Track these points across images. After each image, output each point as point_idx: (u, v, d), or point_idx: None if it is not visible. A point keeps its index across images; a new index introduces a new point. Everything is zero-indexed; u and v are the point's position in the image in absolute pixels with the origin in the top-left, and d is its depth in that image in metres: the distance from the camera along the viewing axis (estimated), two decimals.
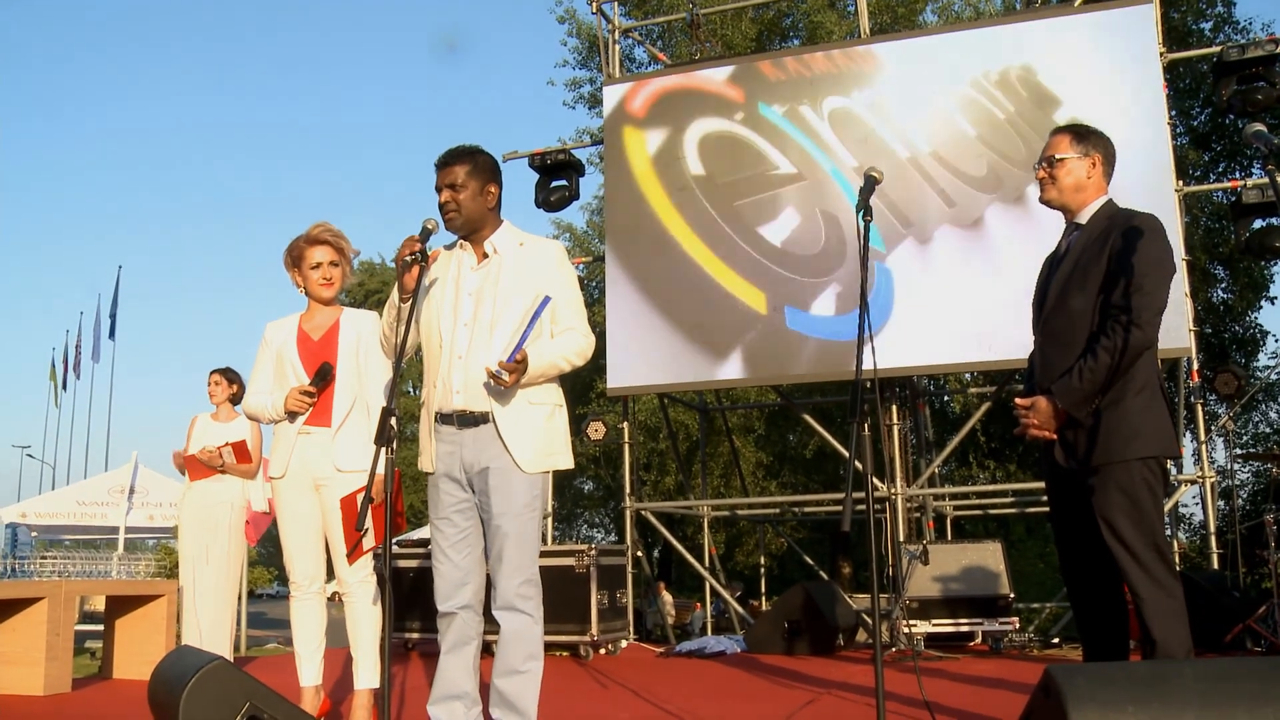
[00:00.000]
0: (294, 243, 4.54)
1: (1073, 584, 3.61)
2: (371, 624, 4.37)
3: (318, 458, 4.34)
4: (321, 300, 4.51)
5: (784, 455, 22.29)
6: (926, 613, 7.48)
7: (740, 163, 9.52)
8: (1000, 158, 8.84)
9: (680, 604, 19.23)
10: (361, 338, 4.46)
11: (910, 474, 10.22)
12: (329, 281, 4.48)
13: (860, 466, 3.06)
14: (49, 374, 30.88)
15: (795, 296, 9.10)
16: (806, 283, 9.10)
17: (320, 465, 4.33)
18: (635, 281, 9.64)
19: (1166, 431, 3.42)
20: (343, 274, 4.53)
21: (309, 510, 4.37)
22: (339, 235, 4.52)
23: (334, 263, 4.49)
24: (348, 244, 4.55)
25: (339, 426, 4.35)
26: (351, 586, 4.35)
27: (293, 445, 4.37)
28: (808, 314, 9.04)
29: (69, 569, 15.23)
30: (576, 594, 7.44)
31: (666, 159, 9.72)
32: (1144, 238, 3.38)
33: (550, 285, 3.57)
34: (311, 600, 4.42)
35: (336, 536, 4.31)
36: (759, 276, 9.26)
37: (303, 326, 4.52)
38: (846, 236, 9.07)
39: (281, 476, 4.38)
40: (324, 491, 4.34)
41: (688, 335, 9.37)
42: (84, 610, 14.42)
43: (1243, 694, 2.22)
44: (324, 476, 4.33)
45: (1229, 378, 9.02)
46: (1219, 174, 18.64)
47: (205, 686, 2.87)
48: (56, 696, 5.81)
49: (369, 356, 4.45)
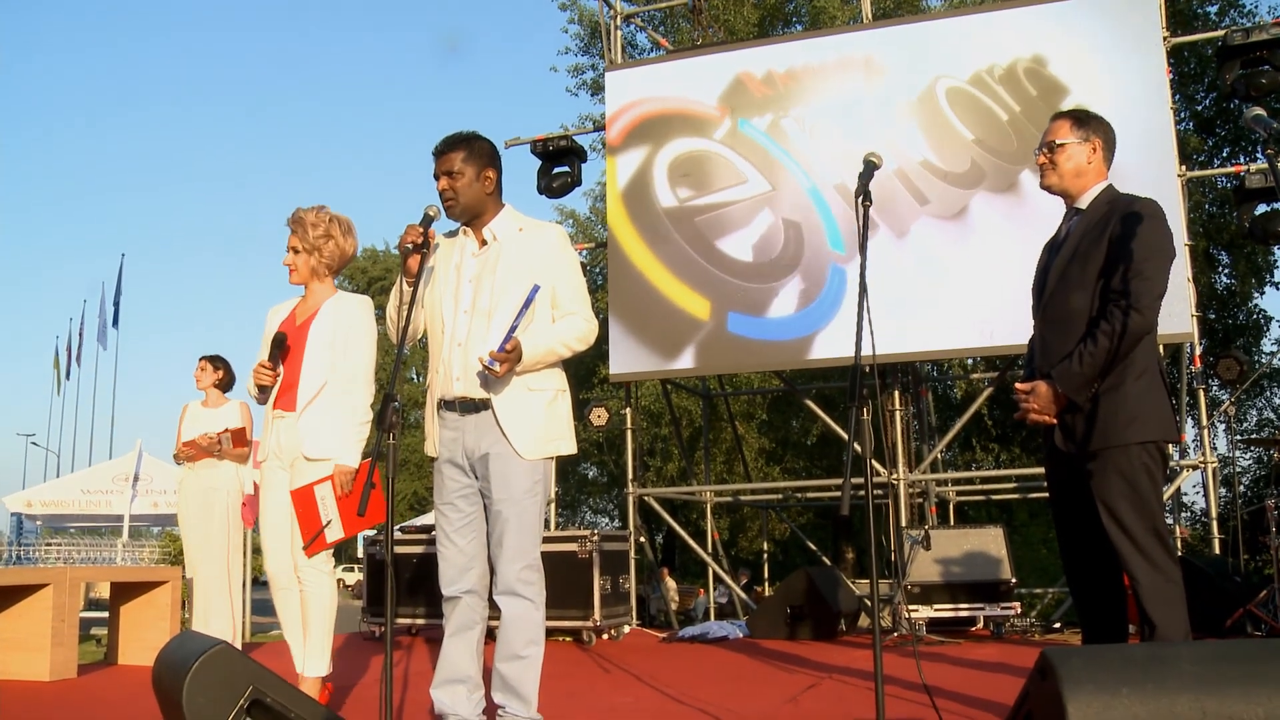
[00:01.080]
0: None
1: (1072, 569, 3.62)
2: (322, 613, 4.33)
3: (289, 441, 4.34)
4: (293, 283, 4.55)
5: (787, 441, 22.31)
6: (928, 598, 7.50)
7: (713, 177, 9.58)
8: (1003, 145, 8.82)
9: (683, 590, 19.28)
10: (340, 323, 4.43)
11: (913, 460, 10.24)
12: (291, 267, 4.50)
13: (860, 450, 3.07)
14: (53, 362, 30.98)
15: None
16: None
17: (291, 449, 4.33)
18: (637, 266, 9.64)
19: (1166, 416, 3.43)
20: (307, 262, 4.49)
21: (284, 496, 4.35)
22: (301, 221, 4.47)
23: (295, 249, 4.48)
24: (309, 229, 4.47)
25: (302, 410, 4.33)
26: (304, 572, 4.31)
27: (270, 429, 4.40)
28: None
29: (74, 556, 15.28)
30: (579, 580, 7.46)
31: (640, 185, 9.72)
32: (1144, 223, 3.38)
33: (550, 270, 3.58)
34: (291, 591, 4.39)
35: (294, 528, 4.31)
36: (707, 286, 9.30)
37: (296, 310, 4.54)
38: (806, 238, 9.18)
39: (264, 460, 4.43)
40: (293, 474, 4.34)
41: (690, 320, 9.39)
42: (90, 598, 14.50)
43: (1239, 676, 2.22)
44: (294, 459, 4.33)
45: (1231, 363, 9.02)
46: (1223, 159, 18.56)
47: (208, 671, 2.89)
48: (62, 682, 5.85)
49: (350, 341, 4.43)
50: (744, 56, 9.85)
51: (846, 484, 2.87)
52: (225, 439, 6.44)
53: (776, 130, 9.48)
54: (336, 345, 4.40)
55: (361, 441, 4.36)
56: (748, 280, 9.33)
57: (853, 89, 9.30)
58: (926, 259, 8.82)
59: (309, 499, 4.21)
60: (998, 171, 8.80)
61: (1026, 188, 8.63)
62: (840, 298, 9.00)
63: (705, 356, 9.46)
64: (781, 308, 9.19)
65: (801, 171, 9.35)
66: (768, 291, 9.26)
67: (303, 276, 4.51)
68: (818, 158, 9.30)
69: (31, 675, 5.86)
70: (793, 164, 9.39)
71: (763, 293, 9.28)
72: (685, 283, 9.48)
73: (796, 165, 9.38)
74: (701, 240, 9.51)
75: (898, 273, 8.74)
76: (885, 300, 8.55)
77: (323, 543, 4.23)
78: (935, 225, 8.86)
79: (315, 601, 4.33)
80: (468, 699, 3.56)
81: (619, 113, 10.02)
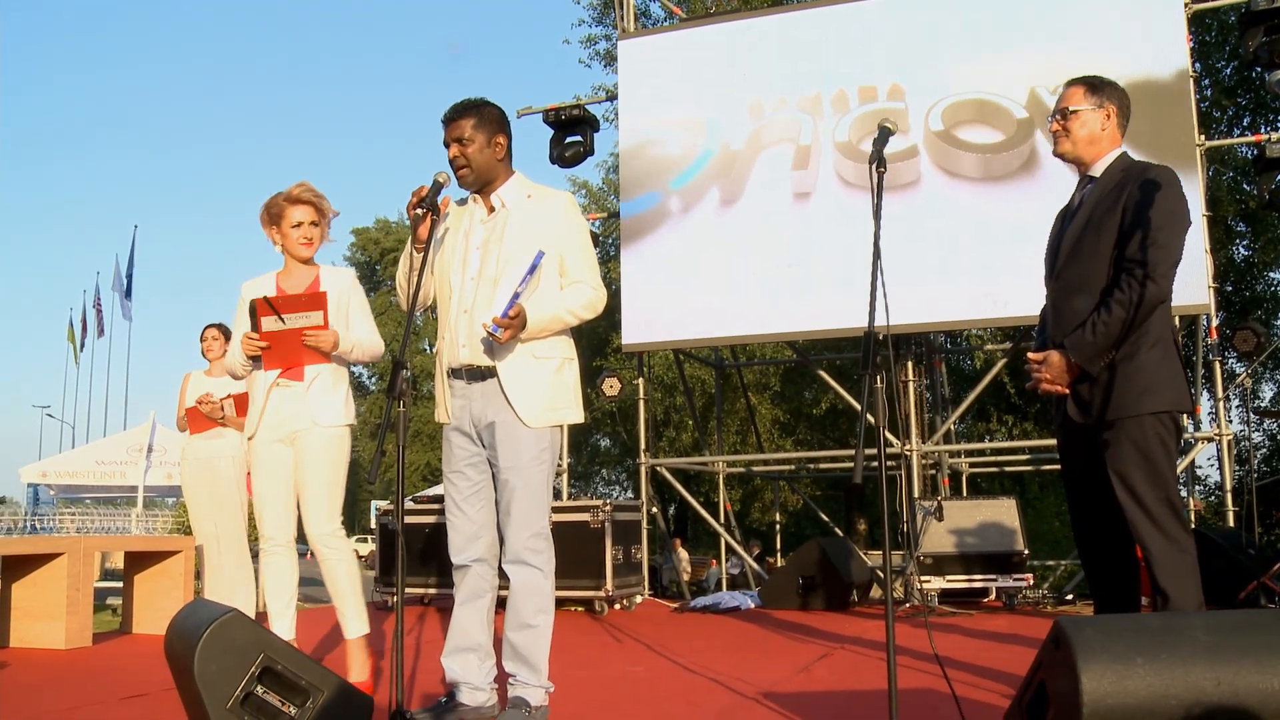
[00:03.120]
0: (273, 200, 4.48)
1: (1084, 540, 3.60)
2: (348, 575, 4.34)
3: (293, 411, 4.30)
4: (300, 259, 4.48)
5: (800, 412, 22.31)
6: (940, 569, 7.49)
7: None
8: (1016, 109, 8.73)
9: (696, 560, 19.35)
10: (343, 294, 4.42)
11: (926, 431, 10.21)
12: (309, 241, 4.45)
13: (872, 420, 3.05)
14: (66, 335, 31.13)
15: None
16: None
17: (297, 418, 4.29)
18: (649, 235, 9.60)
19: (1180, 387, 3.39)
20: (322, 234, 4.49)
21: (281, 464, 4.32)
22: (320, 196, 4.48)
23: (314, 222, 4.45)
24: (328, 205, 4.50)
25: (311, 381, 4.31)
26: (320, 541, 4.30)
27: (265, 401, 4.32)
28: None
29: (88, 526, 15.41)
30: (591, 550, 7.48)
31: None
32: (1159, 190, 3.34)
33: (559, 237, 3.55)
34: (280, 556, 4.37)
35: (309, 491, 4.29)
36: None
37: (280, 284, 4.47)
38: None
39: (252, 436, 4.36)
40: (300, 444, 4.30)
41: (703, 289, 9.35)
42: (105, 568, 14.61)
43: (1252, 646, 2.21)
44: (301, 428, 4.29)
45: (1248, 335, 8.92)
46: (1244, 128, 18.36)
47: (219, 638, 2.90)
48: (77, 650, 5.89)
49: (353, 312, 4.43)
50: (758, 24, 9.76)
51: (859, 452, 2.84)
52: (228, 405, 6.44)
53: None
54: (339, 316, 4.39)
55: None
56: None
57: (868, 56, 9.21)
58: (939, 228, 8.75)
59: (266, 307, 4.21)
60: (1013, 139, 8.70)
61: (1041, 155, 8.54)
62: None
63: (718, 325, 9.42)
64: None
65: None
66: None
67: (315, 249, 4.51)
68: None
69: (48, 644, 5.91)
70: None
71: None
72: (699, 251, 9.43)
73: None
74: (716, 208, 9.46)
75: (912, 242, 8.66)
76: (899, 270, 8.53)
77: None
78: (949, 193, 8.78)
79: (341, 566, 4.36)
80: (478, 667, 3.56)
81: (632, 80, 9.95)
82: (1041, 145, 8.53)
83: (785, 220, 9.24)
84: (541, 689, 3.47)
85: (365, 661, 4.35)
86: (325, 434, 4.29)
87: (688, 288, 9.41)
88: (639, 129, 9.89)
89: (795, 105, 9.39)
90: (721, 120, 9.60)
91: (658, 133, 9.78)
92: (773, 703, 3.92)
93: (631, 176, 9.93)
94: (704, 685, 4.41)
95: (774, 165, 9.37)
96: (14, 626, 6.05)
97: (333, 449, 4.32)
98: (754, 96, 9.52)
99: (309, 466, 4.28)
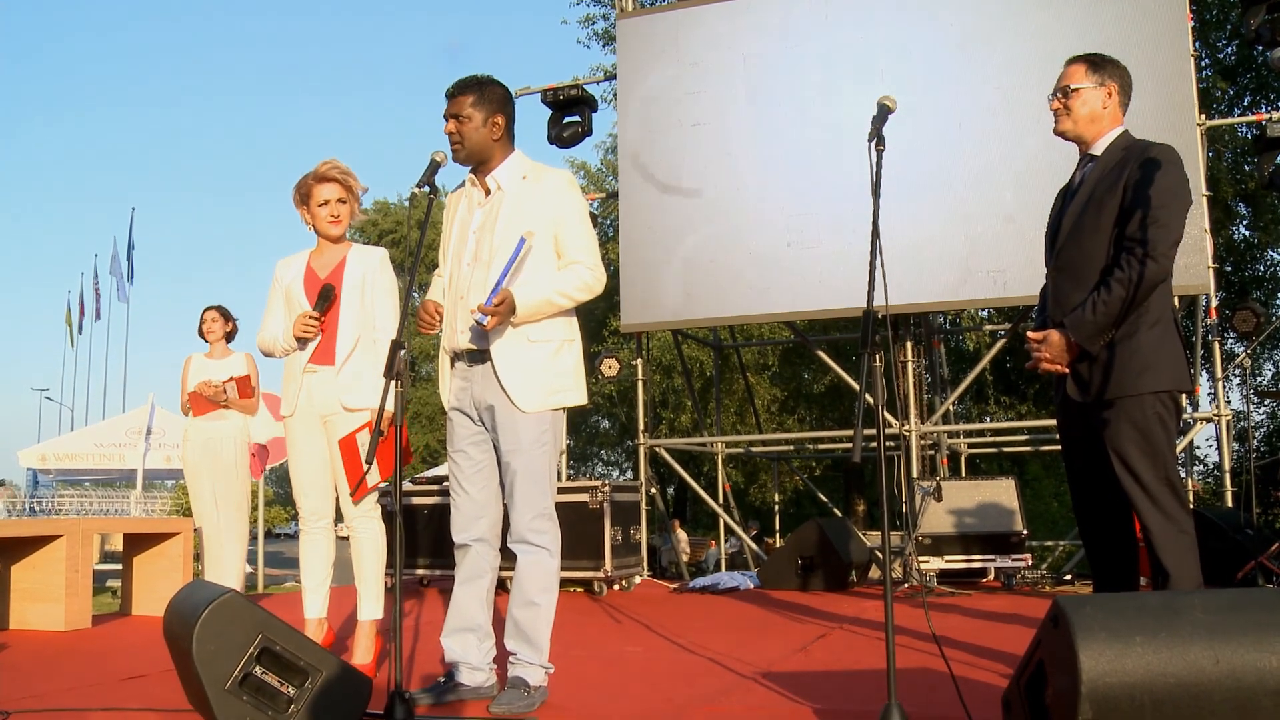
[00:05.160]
0: (302, 180, 4.54)
1: (1084, 519, 3.60)
2: (374, 558, 4.42)
3: (325, 395, 4.37)
4: (330, 237, 4.51)
5: (799, 392, 22.30)
6: (939, 549, 7.50)
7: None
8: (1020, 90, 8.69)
9: (695, 541, 19.39)
10: (368, 274, 4.47)
11: (925, 412, 10.21)
12: (336, 219, 4.48)
13: (871, 400, 3.04)
14: (65, 317, 31.11)
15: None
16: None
17: (328, 402, 4.37)
18: (648, 215, 9.56)
19: (1180, 366, 3.39)
20: (351, 211, 4.54)
21: (317, 447, 4.42)
22: (347, 172, 4.52)
23: (341, 200, 4.49)
24: (356, 181, 4.55)
25: (342, 364, 4.37)
26: (355, 521, 4.41)
27: (300, 383, 4.40)
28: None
29: (87, 508, 15.43)
30: (590, 530, 7.48)
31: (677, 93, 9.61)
32: (1160, 169, 3.32)
33: (554, 216, 3.53)
34: (318, 535, 4.47)
35: (340, 477, 4.37)
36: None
37: (311, 264, 4.53)
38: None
39: (291, 415, 4.43)
40: (330, 428, 4.38)
41: (701, 270, 9.33)
42: (105, 550, 14.63)
43: (1252, 625, 2.21)
44: (331, 413, 4.37)
45: (1248, 315, 8.91)
46: (1244, 108, 18.29)
47: (218, 618, 2.90)
48: (77, 632, 5.91)
49: (377, 293, 4.46)
50: (758, 5, 9.70)
51: (858, 432, 2.84)
52: (230, 388, 6.45)
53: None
54: (365, 297, 4.41)
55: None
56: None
57: (868, 36, 9.16)
58: (946, 205, 8.72)
59: (354, 447, 4.26)
60: (1015, 117, 8.66)
61: (1042, 133, 8.48)
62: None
63: (716, 306, 9.41)
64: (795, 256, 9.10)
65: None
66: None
67: (344, 227, 4.52)
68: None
69: (47, 625, 5.93)
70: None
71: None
72: (697, 232, 9.40)
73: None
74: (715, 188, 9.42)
75: (910, 221, 8.63)
76: (898, 249, 8.51)
77: (365, 488, 4.32)
78: (947, 171, 8.75)
79: (369, 547, 4.42)
80: (477, 647, 3.57)
81: (630, 60, 9.90)
82: (1043, 122, 8.47)
83: (784, 200, 9.20)
84: (541, 669, 3.48)
85: (372, 645, 4.38)
86: (355, 418, 4.35)
87: (687, 268, 9.38)
88: (637, 109, 9.83)
89: (795, 86, 9.34)
90: (721, 100, 9.55)
91: (657, 113, 9.73)
92: (771, 682, 3.92)
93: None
94: (702, 665, 4.41)
95: (773, 145, 9.33)
96: (13, 608, 6.07)
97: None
98: (753, 77, 9.47)
99: (339, 453, 4.35)
